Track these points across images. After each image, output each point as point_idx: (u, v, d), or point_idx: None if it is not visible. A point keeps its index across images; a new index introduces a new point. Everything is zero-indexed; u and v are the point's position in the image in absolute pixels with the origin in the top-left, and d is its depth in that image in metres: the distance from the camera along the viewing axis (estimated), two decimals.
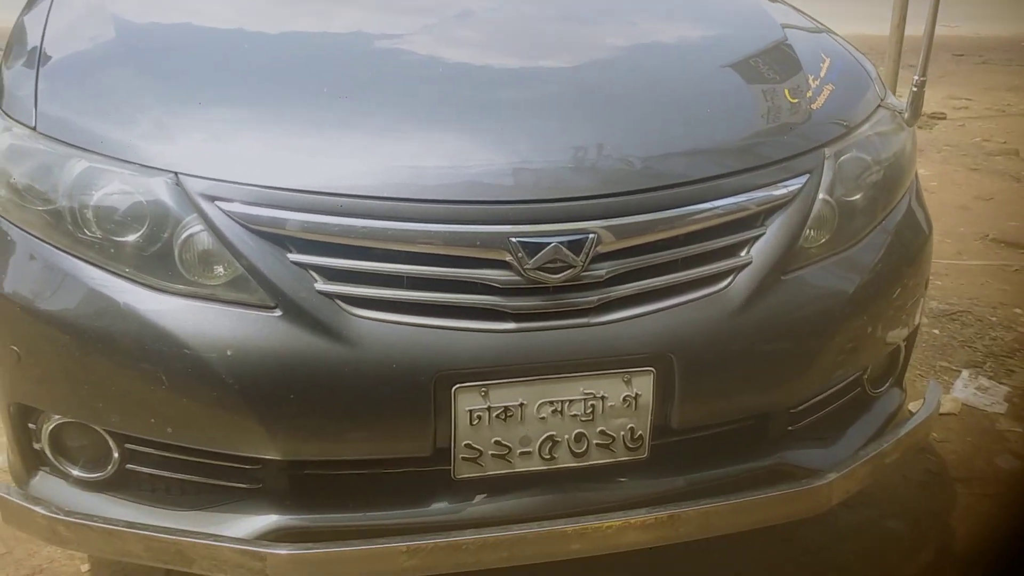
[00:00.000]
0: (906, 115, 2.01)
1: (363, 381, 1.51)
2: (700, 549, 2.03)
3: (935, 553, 2.14)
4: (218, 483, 1.64)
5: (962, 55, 9.52)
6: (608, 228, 1.57)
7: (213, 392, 1.51)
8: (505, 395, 1.57)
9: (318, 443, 1.58)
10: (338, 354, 1.50)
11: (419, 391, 1.52)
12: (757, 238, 1.68)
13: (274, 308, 1.51)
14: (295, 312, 1.51)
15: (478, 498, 1.65)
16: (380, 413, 1.54)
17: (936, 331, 3.23)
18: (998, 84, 8.02)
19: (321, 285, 1.52)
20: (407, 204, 1.54)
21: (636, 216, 1.60)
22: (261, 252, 1.52)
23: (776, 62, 2.06)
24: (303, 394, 1.51)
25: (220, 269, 1.54)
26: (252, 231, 1.52)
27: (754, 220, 1.69)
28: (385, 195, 1.54)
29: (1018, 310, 3.43)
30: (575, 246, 1.55)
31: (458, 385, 1.54)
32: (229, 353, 1.49)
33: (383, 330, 1.52)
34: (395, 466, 1.62)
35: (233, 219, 1.53)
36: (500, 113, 1.76)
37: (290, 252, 1.53)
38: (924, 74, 1.99)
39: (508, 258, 1.54)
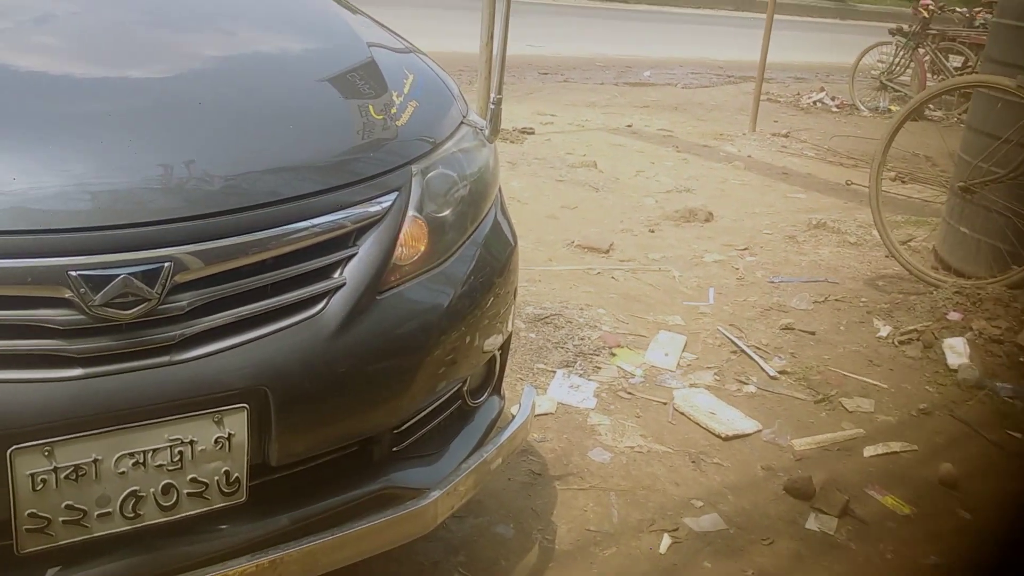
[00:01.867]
0: (487, 132, 2.09)
1: None
2: None
3: (538, 553, 2.25)
4: None
5: (547, 74, 10.39)
6: (188, 255, 1.44)
7: None
8: (74, 452, 1.38)
9: None
10: None
11: None
12: (350, 258, 1.64)
13: None
14: None
15: (51, 572, 1.43)
16: None
17: (532, 335, 3.42)
18: (578, 101, 8.84)
19: None
20: None
21: (220, 240, 1.48)
22: None
23: (362, 79, 2.04)
24: None
25: None
26: None
27: (346, 240, 1.65)
28: None
29: (601, 310, 3.75)
30: (149, 277, 1.40)
31: (15, 447, 1.33)
32: None
33: None
34: None
35: None
36: (61, 128, 1.54)
37: None
38: (500, 92, 2.08)
39: (68, 295, 1.35)
